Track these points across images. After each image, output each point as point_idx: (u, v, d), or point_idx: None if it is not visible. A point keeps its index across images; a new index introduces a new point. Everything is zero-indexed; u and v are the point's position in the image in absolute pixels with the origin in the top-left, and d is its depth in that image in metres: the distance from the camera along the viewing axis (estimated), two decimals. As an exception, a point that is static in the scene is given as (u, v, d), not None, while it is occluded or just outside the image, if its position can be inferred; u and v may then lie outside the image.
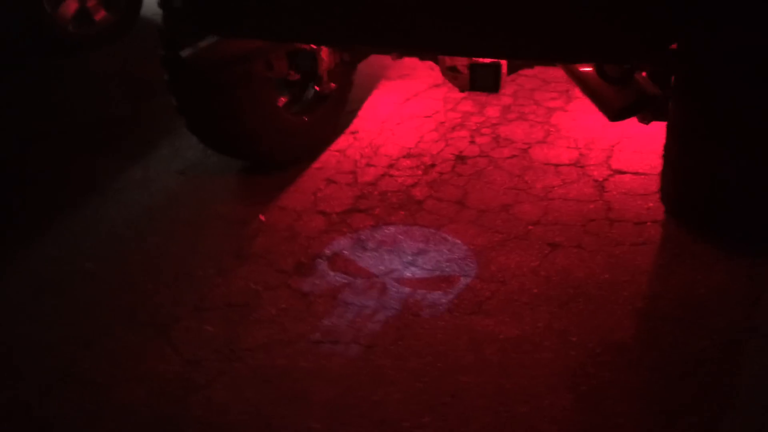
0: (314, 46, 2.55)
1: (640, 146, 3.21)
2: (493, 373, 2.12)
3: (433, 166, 3.24)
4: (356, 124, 3.61)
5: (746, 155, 2.12)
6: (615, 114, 2.00)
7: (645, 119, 2.63)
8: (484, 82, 2.39)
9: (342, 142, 3.47)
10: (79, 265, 2.76)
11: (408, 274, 2.57)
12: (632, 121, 3.36)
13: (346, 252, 2.72)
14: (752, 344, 2.13)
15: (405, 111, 3.69)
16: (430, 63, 3.85)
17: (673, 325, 2.25)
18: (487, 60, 2.36)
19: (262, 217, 2.95)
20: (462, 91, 2.93)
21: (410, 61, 4.03)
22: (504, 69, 2.40)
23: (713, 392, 1.99)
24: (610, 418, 1.95)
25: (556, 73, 3.80)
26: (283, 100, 3.17)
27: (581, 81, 2.07)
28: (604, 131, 3.36)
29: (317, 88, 3.21)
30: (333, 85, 3.20)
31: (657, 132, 3.19)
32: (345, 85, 3.42)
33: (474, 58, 2.36)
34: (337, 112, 3.47)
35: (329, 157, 3.35)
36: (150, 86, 4.18)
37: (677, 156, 2.25)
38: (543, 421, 1.95)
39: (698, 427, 1.89)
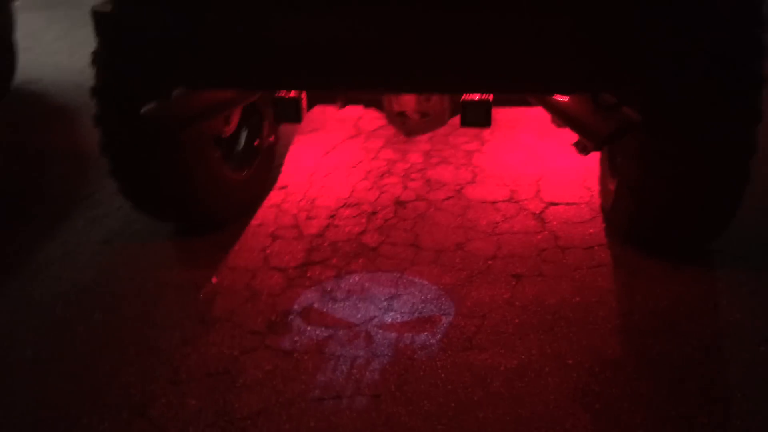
0: (294, 94, 2.49)
1: (562, 180, 3.40)
2: (506, 405, 2.13)
3: (375, 213, 3.24)
4: (284, 178, 3.55)
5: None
6: (602, 140, 2.13)
7: (585, 150, 2.81)
8: (477, 117, 2.43)
9: (274, 197, 3.39)
10: (17, 355, 2.47)
11: (388, 319, 2.53)
12: (551, 157, 3.60)
13: (316, 305, 2.63)
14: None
15: (329, 163, 3.68)
16: (340, 116, 3.90)
17: (653, 337, 2.37)
18: (476, 97, 2.40)
19: (214, 280, 2.80)
20: (408, 136, 2.98)
21: (318, 116, 4.07)
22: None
23: (714, 392, 2.11)
24: (632, 429, 2.01)
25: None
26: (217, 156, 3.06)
27: (562, 112, 2.18)
28: (526, 168, 3.53)
29: (257, 141, 3.14)
30: (272, 138, 3.15)
31: (574, 166, 3.43)
32: (276, 139, 3.37)
33: (465, 96, 2.40)
34: (269, 165, 3.40)
35: (266, 213, 3.26)
36: (42, 155, 3.90)
37: (641, 187, 2.40)
38: (570, 444, 1.98)
39: (710, 427, 2.00)
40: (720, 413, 2.05)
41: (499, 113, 3.26)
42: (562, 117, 2.20)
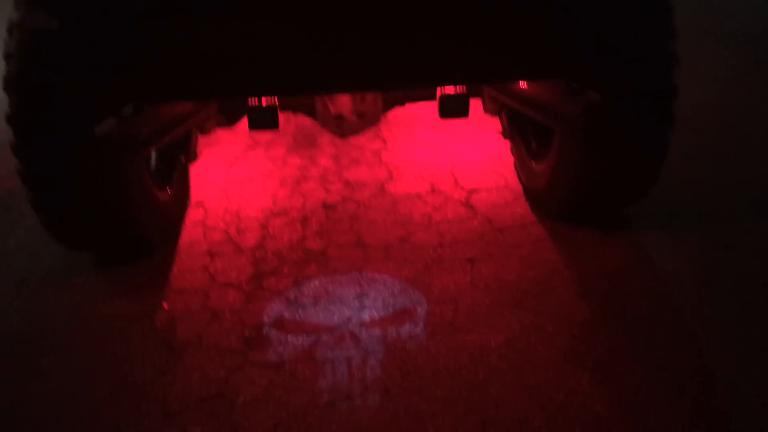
0: (266, 102, 2.39)
1: (473, 168, 3.57)
2: (511, 377, 2.22)
3: (307, 219, 3.21)
4: (196, 194, 3.41)
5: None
6: (576, 117, 2.28)
7: (507, 135, 2.99)
8: (457, 108, 2.48)
9: (194, 214, 3.25)
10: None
11: (365, 317, 2.54)
12: (454, 149, 3.76)
13: (286, 314, 2.58)
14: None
15: (238, 174, 3.59)
16: (234, 128, 3.83)
17: (610, 296, 2.58)
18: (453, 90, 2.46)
19: (165, 306, 2.64)
20: (343, 137, 2.99)
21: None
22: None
23: (676, 335, 2.36)
24: (626, 378, 2.19)
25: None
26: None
27: (527, 98, 2.31)
28: (435, 161, 3.67)
29: (182, 157, 2.99)
30: (198, 152, 3.02)
31: (478, 155, 3.61)
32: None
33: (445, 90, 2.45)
34: (187, 182, 3.25)
35: (192, 231, 3.12)
36: None
37: (585, 166, 2.61)
38: (584, 398, 2.11)
39: (679, 361, 2.23)
40: (686, 350, 2.29)
41: (395, 111, 3.39)
42: (525, 103, 2.34)
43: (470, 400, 2.14)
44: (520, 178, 3.31)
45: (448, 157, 3.70)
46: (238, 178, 3.56)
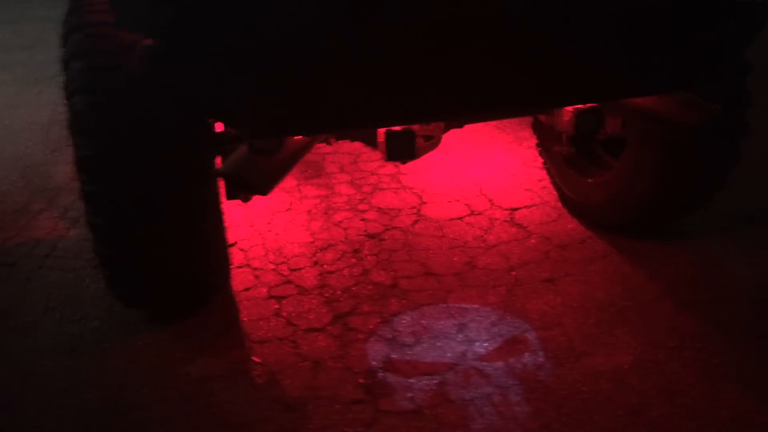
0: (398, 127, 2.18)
1: (499, 187, 3.52)
2: (664, 398, 2.17)
3: (357, 251, 3.05)
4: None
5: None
6: (692, 129, 2.27)
7: (551, 151, 2.99)
8: (402, 150, 2.35)
9: (234, 257, 2.99)
10: None
11: (480, 350, 2.42)
12: (470, 169, 3.70)
13: (394, 356, 2.41)
14: None
15: (258, 210, 3.36)
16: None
17: (708, 304, 2.60)
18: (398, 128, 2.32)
19: (256, 359, 2.40)
20: (404, 163, 2.85)
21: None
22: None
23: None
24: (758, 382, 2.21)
25: (353, 146, 3.94)
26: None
27: (644, 110, 2.28)
28: (458, 181, 3.60)
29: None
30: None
31: (497, 173, 3.56)
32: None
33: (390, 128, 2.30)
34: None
35: (241, 276, 2.88)
36: None
37: (657, 179, 2.64)
38: (749, 413, 2.09)
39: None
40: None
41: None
42: (642, 115, 2.31)
43: (637, 427, 2.07)
44: (562, 193, 3.28)
45: (469, 177, 3.63)
46: (261, 214, 3.33)
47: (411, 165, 3.76)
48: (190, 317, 2.60)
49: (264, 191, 2.21)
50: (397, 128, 2.29)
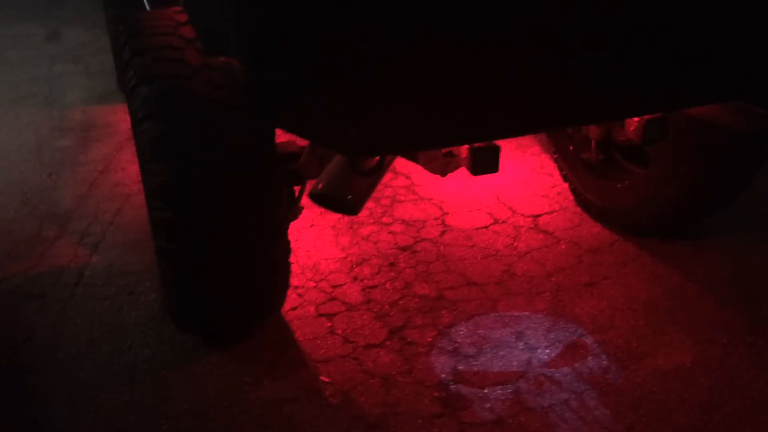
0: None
1: (515, 195, 3.58)
2: (733, 393, 2.26)
3: (393, 264, 3.06)
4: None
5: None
6: (747, 132, 2.35)
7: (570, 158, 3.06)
8: (489, 164, 2.38)
9: (272, 275, 2.96)
10: None
11: (544, 357, 2.46)
12: (479, 178, 3.73)
13: (461, 367, 2.43)
14: None
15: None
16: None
17: (744, 301, 2.71)
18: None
19: (325, 379, 2.38)
20: (444, 176, 2.87)
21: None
22: None
23: None
24: None
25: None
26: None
27: (700, 118, 2.35)
28: (473, 190, 3.64)
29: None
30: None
31: (507, 182, 3.60)
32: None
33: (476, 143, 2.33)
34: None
35: (283, 295, 2.84)
36: None
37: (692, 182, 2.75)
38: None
39: None
40: None
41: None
42: (698, 122, 2.39)
43: (715, 423, 2.14)
44: (584, 198, 3.36)
45: (482, 185, 3.67)
46: (286, 231, 3.29)
47: (424, 176, 3.79)
48: (245, 340, 2.56)
49: (357, 211, 2.20)
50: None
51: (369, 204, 3.53)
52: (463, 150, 2.32)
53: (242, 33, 1.67)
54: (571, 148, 3.31)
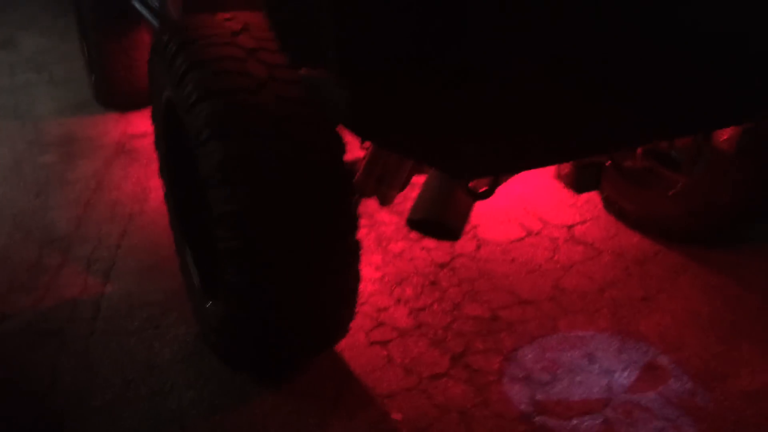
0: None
1: (540, 206, 3.45)
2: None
3: (434, 283, 2.88)
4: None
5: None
6: None
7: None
8: (592, 182, 2.26)
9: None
10: None
11: (623, 381, 2.32)
12: (509, 185, 3.59)
13: (539, 396, 2.27)
14: None
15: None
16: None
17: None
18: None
19: (397, 416, 2.19)
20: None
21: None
22: None
23: None
24: None
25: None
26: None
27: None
28: (499, 200, 3.48)
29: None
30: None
31: (527, 193, 3.47)
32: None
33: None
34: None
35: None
36: None
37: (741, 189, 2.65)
38: None
39: None
40: None
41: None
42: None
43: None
44: (618, 207, 3.24)
45: (505, 195, 3.53)
46: (311, 250, 3.08)
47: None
48: (297, 374, 2.34)
49: (460, 236, 2.01)
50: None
51: (394, 218, 3.35)
52: (564, 167, 2.16)
53: (347, 45, 1.47)
54: (606, 155, 3.19)
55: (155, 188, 3.67)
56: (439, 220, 1.93)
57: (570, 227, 3.24)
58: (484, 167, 1.59)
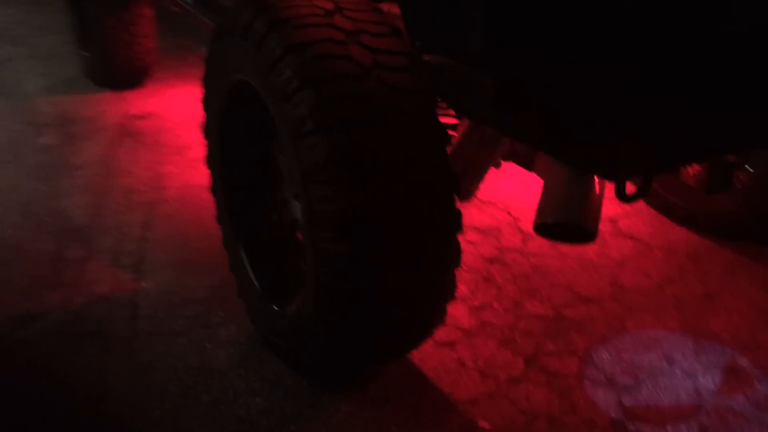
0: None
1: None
2: None
3: (487, 278, 2.77)
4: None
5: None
6: None
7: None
8: (725, 182, 2.18)
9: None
10: None
11: (710, 384, 2.24)
12: (518, 178, 3.48)
13: (626, 402, 2.17)
14: None
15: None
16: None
17: None
18: None
19: (485, 425, 2.07)
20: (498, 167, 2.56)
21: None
22: None
23: None
24: None
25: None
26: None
27: None
28: (530, 192, 3.38)
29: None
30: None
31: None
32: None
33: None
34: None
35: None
36: None
37: None
38: None
39: None
40: None
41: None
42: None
43: None
44: (666, 201, 3.15)
45: (539, 186, 3.43)
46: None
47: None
48: (367, 379, 2.20)
49: (595, 236, 1.88)
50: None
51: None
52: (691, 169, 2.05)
53: (499, 29, 1.32)
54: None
55: (170, 175, 3.46)
56: (579, 222, 1.79)
57: (613, 221, 3.16)
58: (641, 167, 1.47)
